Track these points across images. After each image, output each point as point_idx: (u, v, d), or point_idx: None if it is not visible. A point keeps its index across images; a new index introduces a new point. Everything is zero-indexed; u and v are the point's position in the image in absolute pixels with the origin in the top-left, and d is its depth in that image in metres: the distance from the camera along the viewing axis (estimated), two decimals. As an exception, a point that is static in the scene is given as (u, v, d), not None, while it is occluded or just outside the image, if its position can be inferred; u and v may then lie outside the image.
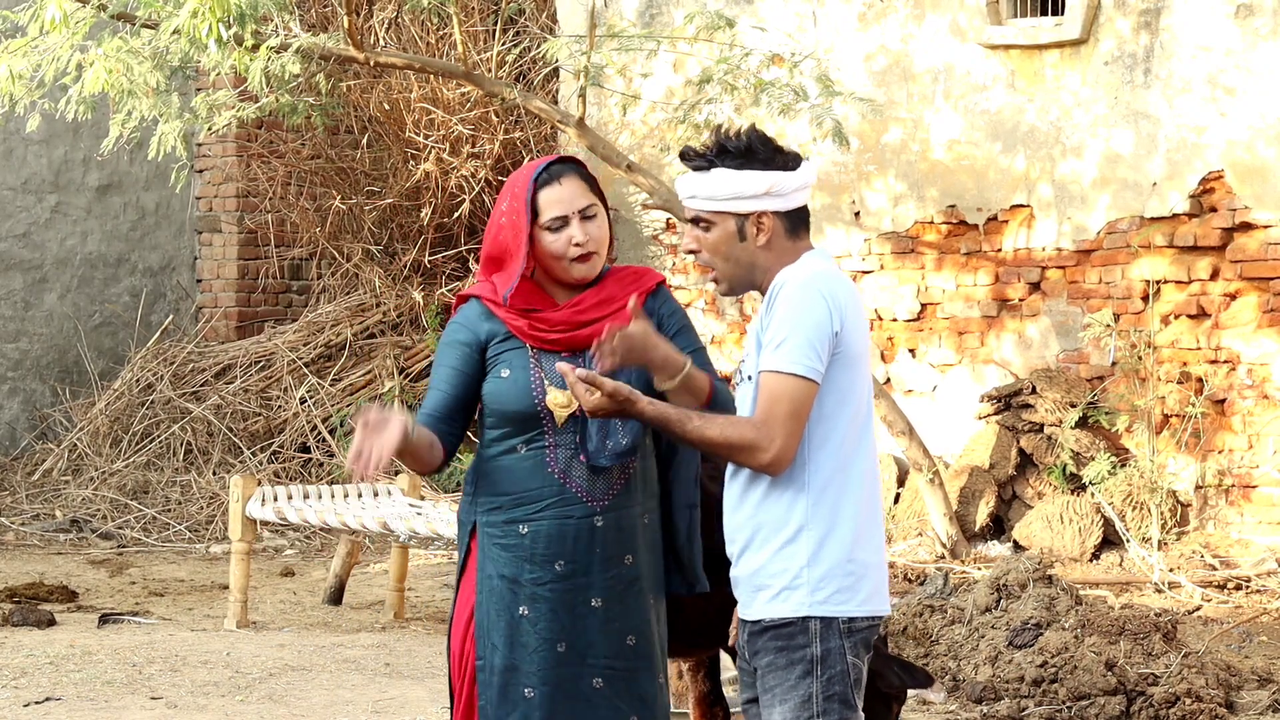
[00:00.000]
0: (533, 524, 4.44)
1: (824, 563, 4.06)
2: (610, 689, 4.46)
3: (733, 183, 4.09)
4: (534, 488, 4.44)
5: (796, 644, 4.04)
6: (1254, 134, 10.72)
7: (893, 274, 12.02)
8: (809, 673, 4.04)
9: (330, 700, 7.45)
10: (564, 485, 4.45)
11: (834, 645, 4.05)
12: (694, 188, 4.13)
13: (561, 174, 4.48)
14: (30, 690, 7.56)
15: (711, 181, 4.11)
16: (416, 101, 13.39)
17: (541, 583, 4.44)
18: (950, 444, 11.62)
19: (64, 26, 9.26)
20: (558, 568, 4.44)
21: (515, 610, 4.44)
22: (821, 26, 12.16)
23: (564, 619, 4.44)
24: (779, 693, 4.05)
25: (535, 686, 4.42)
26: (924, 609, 8.30)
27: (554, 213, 4.45)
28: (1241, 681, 7.78)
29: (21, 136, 13.05)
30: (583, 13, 11.23)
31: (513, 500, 4.45)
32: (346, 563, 10.03)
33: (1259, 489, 10.74)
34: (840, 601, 4.06)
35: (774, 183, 4.09)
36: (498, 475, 4.46)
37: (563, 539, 4.44)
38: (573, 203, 4.45)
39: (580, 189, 4.48)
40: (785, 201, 4.11)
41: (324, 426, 13.03)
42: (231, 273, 14.14)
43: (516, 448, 4.45)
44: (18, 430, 13.55)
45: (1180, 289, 10.98)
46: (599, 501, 4.46)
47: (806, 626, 4.04)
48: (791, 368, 3.98)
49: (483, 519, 4.48)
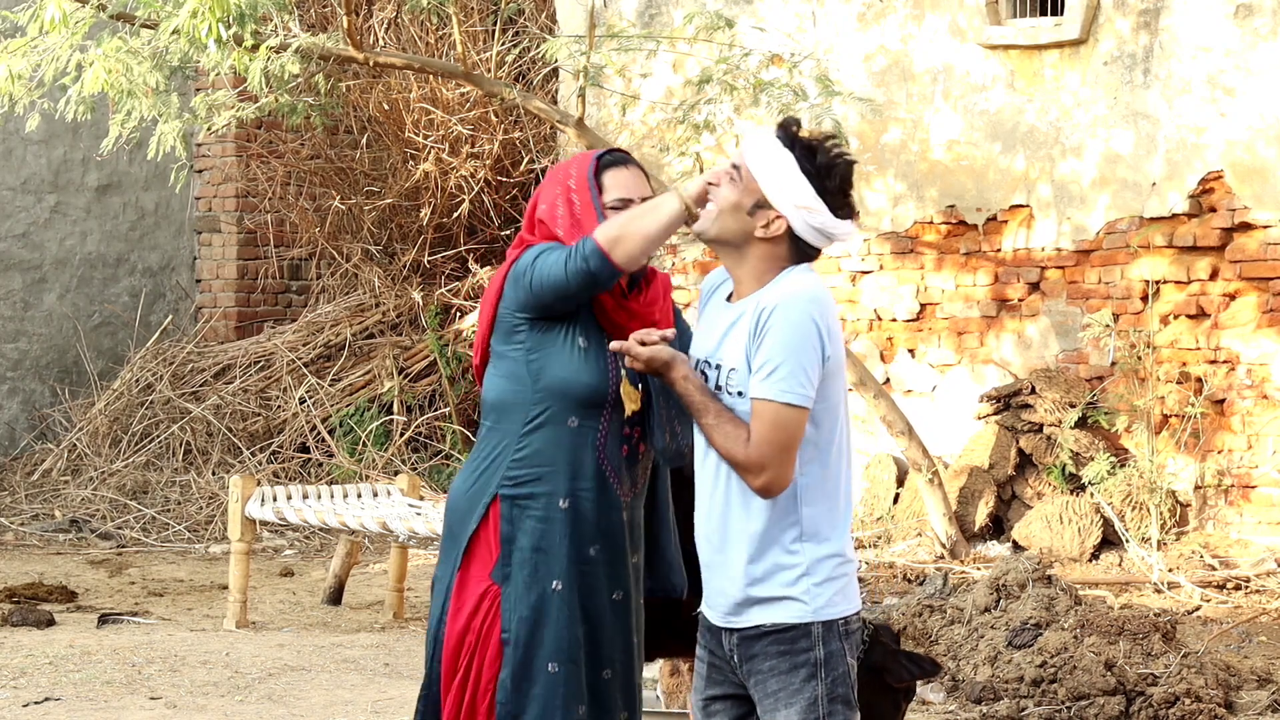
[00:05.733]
0: (574, 499, 4.42)
1: (823, 568, 4.06)
2: (615, 681, 4.50)
3: (784, 175, 4.03)
4: (580, 463, 4.42)
5: (800, 648, 4.04)
6: (1254, 134, 10.72)
7: (892, 274, 12.02)
8: (813, 675, 4.05)
9: (330, 700, 7.45)
10: (602, 469, 4.44)
11: (835, 648, 4.07)
12: (759, 147, 4.07)
13: (627, 161, 4.54)
14: (30, 690, 7.55)
15: (773, 155, 4.05)
16: (416, 101, 13.39)
17: (575, 561, 4.42)
18: (950, 444, 11.62)
19: (63, 26, 9.25)
20: (592, 551, 4.44)
21: (548, 584, 4.42)
22: (821, 26, 12.16)
23: (587, 604, 4.44)
24: (783, 696, 4.05)
25: (562, 663, 4.41)
26: (923, 609, 8.30)
27: (619, 194, 4.48)
28: (1241, 681, 7.78)
29: (21, 136, 13.05)
30: (582, 13, 11.23)
31: (556, 472, 4.41)
32: (346, 563, 10.03)
33: (1258, 489, 10.74)
34: (838, 604, 4.07)
35: (811, 210, 4.04)
36: (542, 444, 4.42)
37: (599, 523, 4.44)
38: (638, 188, 4.50)
39: (643, 180, 4.53)
40: (806, 232, 4.06)
41: (323, 426, 13.03)
42: (231, 273, 14.14)
43: (569, 420, 4.42)
44: (17, 430, 13.55)
45: (1180, 289, 10.98)
46: (626, 494, 4.48)
47: (809, 631, 4.04)
48: (786, 397, 3.97)
49: (511, 491, 4.43)
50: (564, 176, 4.50)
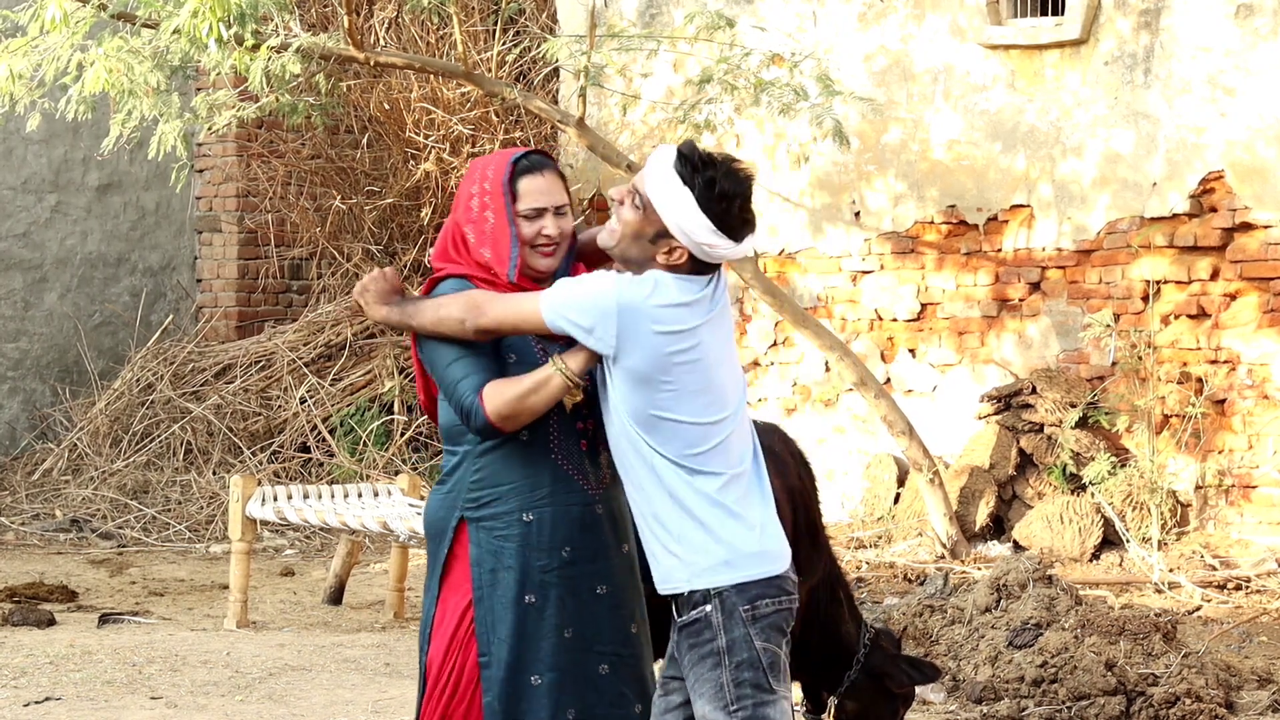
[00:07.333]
0: (537, 510, 4.43)
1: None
2: (615, 675, 4.48)
3: (683, 214, 4.17)
4: (537, 474, 4.43)
5: (704, 638, 4.33)
6: (1254, 134, 10.72)
7: (893, 274, 12.02)
8: (718, 664, 4.37)
9: (330, 700, 7.45)
10: (565, 471, 4.45)
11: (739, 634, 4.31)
12: (659, 179, 4.20)
13: (543, 166, 4.49)
14: (30, 690, 7.55)
15: (673, 192, 4.18)
16: (416, 101, 13.38)
17: (549, 569, 4.43)
18: (950, 444, 11.62)
19: (64, 26, 9.25)
20: (564, 554, 4.44)
21: (523, 600, 4.43)
22: (821, 26, 12.15)
23: (570, 605, 4.44)
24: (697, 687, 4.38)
25: (543, 673, 4.42)
26: (924, 609, 8.30)
27: (533, 202, 4.45)
28: (1241, 681, 7.78)
29: (21, 136, 13.05)
30: (583, 13, 11.23)
31: (514, 489, 4.43)
32: (346, 563, 10.02)
33: (1259, 489, 10.74)
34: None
35: (711, 244, 4.19)
36: (496, 465, 4.44)
37: (569, 524, 4.45)
38: (552, 196, 4.47)
39: (559, 185, 4.50)
40: (706, 255, 4.22)
41: (324, 426, 13.03)
42: (231, 272, 14.14)
43: (520, 434, 4.43)
44: (18, 430, 13.55)
45: (1180, 289, 10.98)
46: (595, 489, 4.48)
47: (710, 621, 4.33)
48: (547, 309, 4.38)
49: (474, 515, 4.45)
50: (480, 177, 4.48)
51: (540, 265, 4.46)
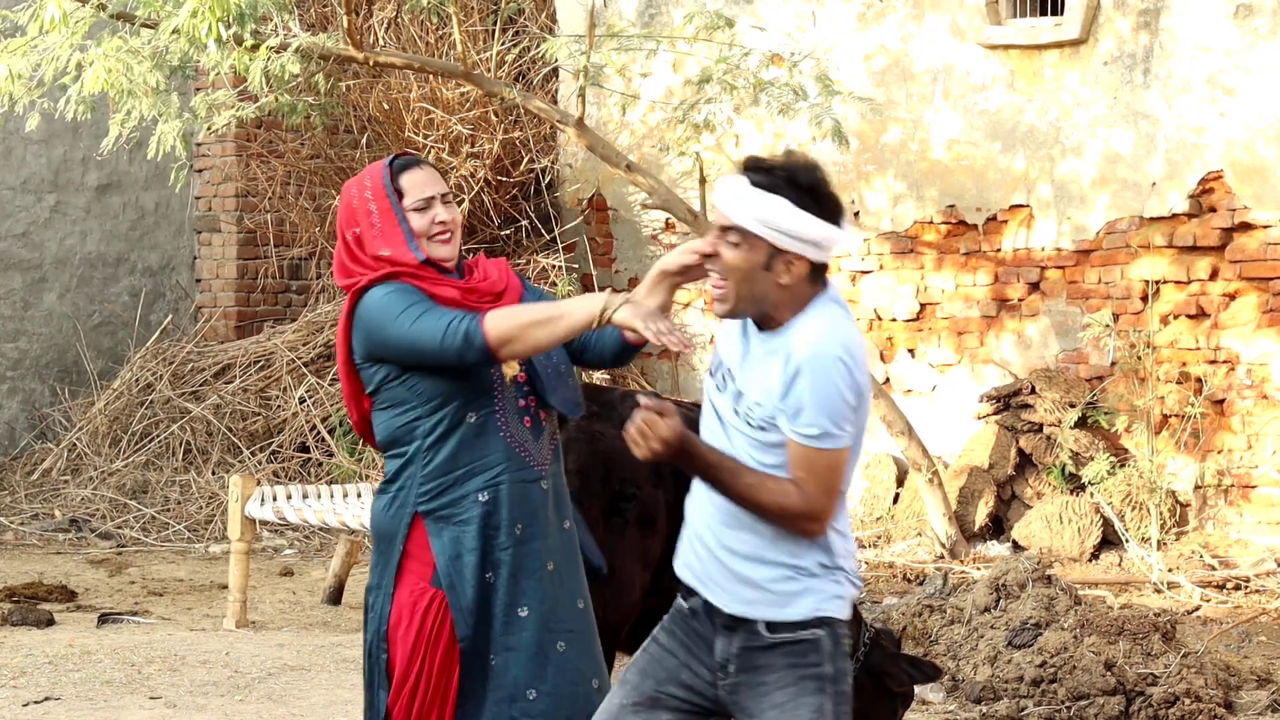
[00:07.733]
0: (491, 489, 4.47)
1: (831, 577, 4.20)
2: (572, 651, 4.53)
3: (789, 220, 3.93)
4: (488, 454, 4.47)
5: (809, 661, 4.11)
6: (1253, 134, 10.72)
7: (892, 274, 12.02)
8: (821, 689, 4.16)
9: (329, 700, 7.45)
10: (513, 448, 4.49)
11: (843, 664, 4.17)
12: (746, 202, 3.95)
13: (419, 161, 4.60)
14: (29, 690, 7.55)
15: (768, 205, 3.93)
16: (416, 101, 13.38)
17: (503, 548, 4.48)
18: (949, 444, 11.62)
19: (63, 26, 9.26)
20: (516, 531, 4.49)
21: (484, 578, 4.48)
22: (821, 26, 12.16)
23: (523, 583, 4.49)
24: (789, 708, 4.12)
25: (499, 653, 4.47)
26: (923, 609, 8.30)
27: (420, 193, 4.52)
28: (1240, 681, 7.79)
29: (21, 136, 13.04)
30: (582, 13, 11.23)
31: (467, 472, 4.46)
32: (346, 562, 10.03)
33: (1258, 489, 10.74)
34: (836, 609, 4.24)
35: (827, 237, 3.96)
36: (449, 451, 4.46)
37: (523, 501, 4.49)
38: (437, 185, 4.54)
39: (439, 176, 4.58)
40: (823, 254, 3.99)
41: (323, 426, 13.03)
42: (231, 272, 14.14)
43: (466, 418, 4.46)
44: (17, 430, 13.55)
45: (1180, 289, 10.98)
46: (542, 465, 4.54)
47: (819, 645, 4.11)
48: (830, 443, 3.92)
49: (429, 507, 4.48)
50: (359, 188, 4.55)
51: (440, 254, 4.52)
